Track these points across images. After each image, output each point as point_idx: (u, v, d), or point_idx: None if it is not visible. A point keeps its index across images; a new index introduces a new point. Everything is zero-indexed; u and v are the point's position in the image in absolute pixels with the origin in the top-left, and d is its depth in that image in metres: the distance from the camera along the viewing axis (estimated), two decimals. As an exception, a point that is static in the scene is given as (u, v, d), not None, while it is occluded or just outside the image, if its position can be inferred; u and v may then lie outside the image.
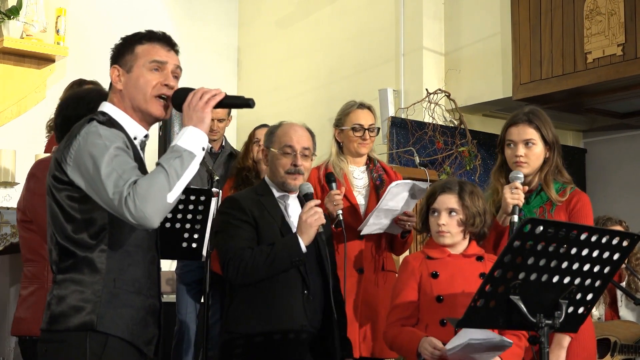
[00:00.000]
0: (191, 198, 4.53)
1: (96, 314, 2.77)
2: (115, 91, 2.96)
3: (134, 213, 2.64)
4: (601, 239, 2.78)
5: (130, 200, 2.63)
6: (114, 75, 2.96)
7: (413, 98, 7.63)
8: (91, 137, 2.77)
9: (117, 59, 2.98)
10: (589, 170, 8.67)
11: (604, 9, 6.63)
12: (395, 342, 3.60)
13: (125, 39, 3.04)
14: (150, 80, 2.93)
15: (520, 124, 3.89)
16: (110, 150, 2.73)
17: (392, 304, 3.67)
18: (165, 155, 2.76)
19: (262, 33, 9.60)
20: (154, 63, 2.95)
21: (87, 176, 2.74)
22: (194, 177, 6.28)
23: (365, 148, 4.63)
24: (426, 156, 7.30)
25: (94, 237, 2.81)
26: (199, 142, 2.80)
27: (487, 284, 2.75)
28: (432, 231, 3.68)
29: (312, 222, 3.63)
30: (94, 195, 2.73)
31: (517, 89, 7.14)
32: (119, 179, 2.68)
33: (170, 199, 2.69)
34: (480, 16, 7.62)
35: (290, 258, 3.61)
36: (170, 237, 4.54)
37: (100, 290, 2.79)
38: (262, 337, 3.62)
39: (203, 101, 2.86)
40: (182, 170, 2.72)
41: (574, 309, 2.92)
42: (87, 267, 2.80)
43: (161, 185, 2.67)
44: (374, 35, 8.18)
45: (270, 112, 7.97)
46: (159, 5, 9.34)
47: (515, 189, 3.73)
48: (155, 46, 2.99)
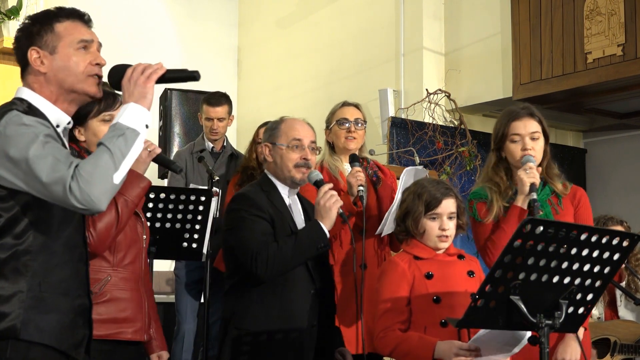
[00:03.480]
0: (191, 198, 4.53)
1: (20, 321, 2.56)
2: (37, 74, 2.75)
3: (79, 197, 2.45)
4: (601, 239, 2.78)
5: (75, 184, 2.45)
6: (33, 58, 2.73)
7: (413, 98, 7.64)
8: (13, 127, 2.56)
9: (34, 40, 2.74)
10: (589, 170, 8.67)
11: (604, 9, 6.63)
12: (400, 348, 3.46)
13: (37, 18, 2.80)
14: (80, 61, 2.75)
15: (523, 117, 3.89)
16: (40, 138, 2.53)
17: (383, 306, 3.53)
18: (107, 134, 2.58)
19: (262, 33, 9.61)
20: (82, 42, 2.78)
21: (14, 167, 2.53)
22: (196, 176, 6.29)
23: (352, 143, 4.59)
24: (426, 156, 7.30)
25: (18, 237, 2.61)
26: (141, 119, 2.63)
27: (487, 284, 2.75)
28: (428, 235, 3.60)
29: (330, 205, 3.63)
30: (24, 185, 2.53)
31: (517, 89, 7.14)
32: (57, 163, 2.48)
33: (116, 180, 2.52)
34: (481, 16, 7.62)
35: (317, 245, 3.60)
36: (171, 237, 4.54)
37: (24, 295, 2.58)
38: (273, 335, 3.62)
39: (145, 76, 2.69)
40: (127, 149, 2.55)
41: (574, 309, 2.92)
42: (10, 272, 2.59)
43: (106, 165, 2.50)
44: (374, 36, 8.18)
45: (271, 112, 7.96)
46: (160, 6, 9.35)
47: (529, 169, 3.75)
48: (77, 24, 2.81)
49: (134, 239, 3.57)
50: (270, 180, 3.84)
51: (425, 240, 3.59)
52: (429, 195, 3.58)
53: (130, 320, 3.49)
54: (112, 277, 3.44)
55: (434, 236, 3.57)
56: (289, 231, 3.68)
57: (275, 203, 3.74)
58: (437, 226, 3.58)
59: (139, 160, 3.19)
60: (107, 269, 3.43)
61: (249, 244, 3.59)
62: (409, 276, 3.53)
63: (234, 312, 3.66)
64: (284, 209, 3.76)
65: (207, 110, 6.12)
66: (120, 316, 3.45)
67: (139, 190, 3.34)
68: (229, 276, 3.74)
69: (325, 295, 3.81)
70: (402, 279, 3.53)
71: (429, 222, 3.58)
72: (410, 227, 3.60)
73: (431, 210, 3.58)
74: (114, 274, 3.45)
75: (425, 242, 3.60)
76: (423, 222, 3.58)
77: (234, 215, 3.71)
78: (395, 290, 3.53)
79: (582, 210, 3.91)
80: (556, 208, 3.86)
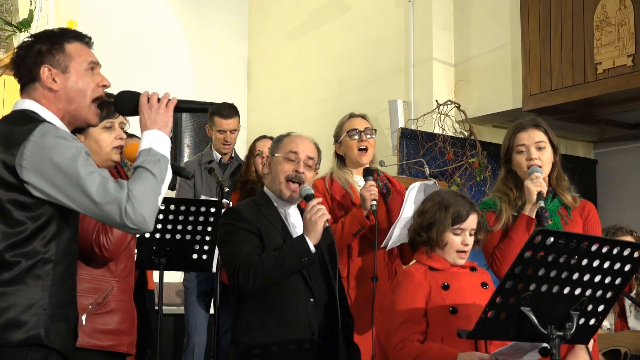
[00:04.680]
0: (201, 209, 4.52)
1: (43, 328, 2.63)
2: (48, 91, 2.81)
3: (134, 218, 2.58)
4: (612, 250, 2.77)
5: (130, 205, 2.57)
6: (45, 75, 2.80)
7: (423, 109, 7.64)
8: (51, 139, 2.63)
9: (45, 58, 2.82)
10: (600, 181, 8.65)
11: (614, 19, 6.63)
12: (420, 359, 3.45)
13: (44, 37, 2.88)
14: (90, 81, 2.85)
15: (529, 128, 3.91)
16: (82, 153, 2.62)
17: (400, 317, 3.53)
18: (144, 159, 2.70)
19: (272, 44, 9.63)
20: (91, 64, 2.87)
21: (57, 179, 2.60)
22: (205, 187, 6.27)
23: (365, 157, 4.59)
24: (436, 167, 7.30)
25: (45, 245, 2.67)
26: (168, 146, 2.79)
27: (497, 296, 2.74)
28: (450, 248, 3.59)
29: (316, 219, 3.59)
30: (64, 198, 2.61)
31: (527, 99, 7.14)
32: (107, 182, 2.59)
33: (159, 202, 2.69)
34: (490, 27, 7.63)
35: (300, 258, 3.57)
36: (181, 248, 4.54)
37: (46, 302, 2.66)
38: (271, 347, 3.60)
39: (163, 105, 2.83)
40: (164, 175, 2.72)
41: (585, 321, 2.91)
42: (32, 278, 2.65)
43: (154, 188, 2.66)
44: (383, 47, 8.19)
45: (280, 124, 8.00)
46: (170, 18, 9.39)
47: (536, 178, 3.75)
48: (83, 46, 2.90)
49: (131, 252, 3.57)
50: (265, 194, 3.83)
51: (445, 253, 3.59)
52: (456, 210, 3.58)
53: (126, 332, 3.48)
54: (114, 288, 3.44)
55: (455, 251, 3.57)
56: (280, 244, 3.65)
57: (267, 216, 3.73)
58: (460, 241, 3.58)
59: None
60: (110, 278, 3.43)
61: (233, 257, 3.59)
62: (425, 287, 3.53)
63: (233, 326, 3.67)
64: (277, 222, 3.74)
65: (220, 122, 6.12)
66: (120, 328, 3.44)
67: None
68: (231, 291, 3.74)
69: (329, 307, 3.78)
70: (418, 290, 3.53)
71: (453, 236, 3.58)
72: (434, 238, 3.60)
73: (456, 225, 3.58)
74: (116, 284, 3.45)
75: (444, 255, 3.60)
76: (447, 235, 3.59)
77: (223, 229, 3.72)
78: (412, 301, 3.52)
79: (592, 223, 3.91)
80: (565, 219, 3.86)
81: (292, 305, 3.64)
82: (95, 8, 8.73)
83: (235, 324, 3.67)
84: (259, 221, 3.69)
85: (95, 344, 3.34)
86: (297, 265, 3.58)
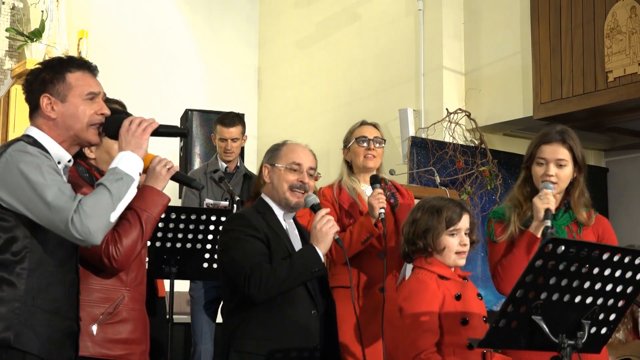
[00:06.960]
0: (212, 218, 4.53)
1: (13, 331, 2.77)
2: (47, 119, 2.99)
3: (79, 229, 2.72)
4: (623, 259, 2.76)
5: (77, 216, 2.72)
6: (44, 104, 2.98)
7: (433, 118, 7.64)
8: (19, 155, 2.82)
9: (46, 87, 3.00)
10: (611, 190, 8.62)
11: (624, 27, 6.61)
12: None
13: (49, 66, 3.07)
14: (87, 109, 3.02)
15: (553, 142, 3.83)
16: (44, 167, 2.80)
17: (419, 327, 3.47)
18: (106, 177, 2.86)
19: (282, 53, 9.65)
20: (90, 94, 3.04)
21: (17, 191, 2.78)
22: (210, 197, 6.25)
23: (371, 162, 4.59)
24: (447, 176, 7.29)
25: (15, 255, 2.83)
26: (137, 167, 2.95)
27: (509, 304, 2.74)
28: (448, 251, 3.60)
29: (327, 230, 3.60)
30: (25, 210, 2.78)
31: (538, 108, 7.12)
32: (61, 194, 2.75)
33: (112, 218, 2.81)
34: (500, 35, 7.62)
35: (311, 269, 3.57)
36: (191, 257, 4.55)
37: (19, 308, 2.80)
38: (275, 356, 3.59)
39: (141, 128, 3.01)
40: (124, 193, 2.85)
41: (597, 329, 2.90)
42: (6, 285, 2.81)
43: (106, 204, 2.79)
44: (394, 55, 8.20)
45: (291, 132, 8.00)
46: (180, 27, 9.42)
47: (544, 195, 3.71)
48: (86, 75, 3.07)
49: (142, 260, 3.58)
50: (265, 202, 3.81)
51: (445, 257, 3.59)
52: (448, 212, 3.59)
53: (138, 341, 3.48)
54: (125, 297, 3.44)
55: (454, 252, 3.58)
56: (286, 253, 3.63)
57: (271, 224, 3.71)
58: (457, 242, 3.59)
59: (159, 178, 3.30)
60: (121, 288, 3.43)
61: (243, 264, 3.55)
62: (439, 296, 3.51)
63: (235, 335, 3.64)
64: (280, 230, 3.73)
65: (221, 130, 6.14)
66: (131, 337, 3.44)
67: (161, 207, 3.37)
68: (229, 299, 3.70)
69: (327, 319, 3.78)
70: (434, 299, 3.51)
71: (450, 238, 3.59)
72: (431, 244, 3.60)
73: (451, 227, 3.59)
74: (127, 293, 3.45)
75: (444, 260, 3.59)
76: (443, 238, 3.59)
77: (229, 235, 3.68)
78: (429, 311, 3.50)
79: (607, 237, 3.85)
80: (574, 235, 3.80)
81: (298, 316, 3.63)
82: (106, 18, 8.77)
83: (237, 333, 3.63)
84: (266, 228, 3.69)
85: (107, 354, 3.35)
86: (309, 275, 3.58)
